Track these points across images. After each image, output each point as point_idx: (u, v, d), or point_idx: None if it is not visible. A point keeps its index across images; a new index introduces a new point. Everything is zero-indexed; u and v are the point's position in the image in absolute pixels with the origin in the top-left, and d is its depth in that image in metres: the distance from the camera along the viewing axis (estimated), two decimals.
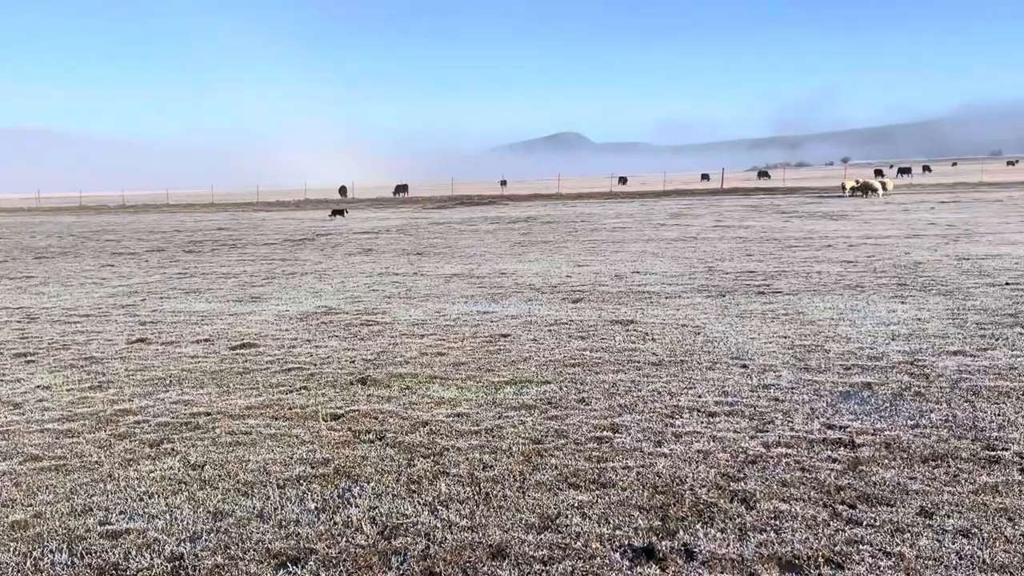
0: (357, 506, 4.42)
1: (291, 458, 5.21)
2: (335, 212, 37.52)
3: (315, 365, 7.76)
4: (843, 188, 38.93)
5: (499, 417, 5.92)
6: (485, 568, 3.72)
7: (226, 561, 3.87)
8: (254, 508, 4.45)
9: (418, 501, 4.46)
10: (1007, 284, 11.20)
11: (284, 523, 4.24)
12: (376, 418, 5.99)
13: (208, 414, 6.22)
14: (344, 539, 4.04)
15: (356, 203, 53.61)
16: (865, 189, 37.09)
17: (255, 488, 4.73)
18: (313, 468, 5.02)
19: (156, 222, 38.43)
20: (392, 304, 11.48)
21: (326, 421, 5.95)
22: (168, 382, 7.28)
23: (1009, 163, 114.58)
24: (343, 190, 68.00)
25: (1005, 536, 3.85)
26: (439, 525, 4.15)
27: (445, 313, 10.53)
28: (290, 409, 6.29)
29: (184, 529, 4.22)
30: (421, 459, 5.11)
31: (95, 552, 3.99)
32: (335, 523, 4.22)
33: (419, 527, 4.14)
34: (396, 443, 5.42)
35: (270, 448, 5.41)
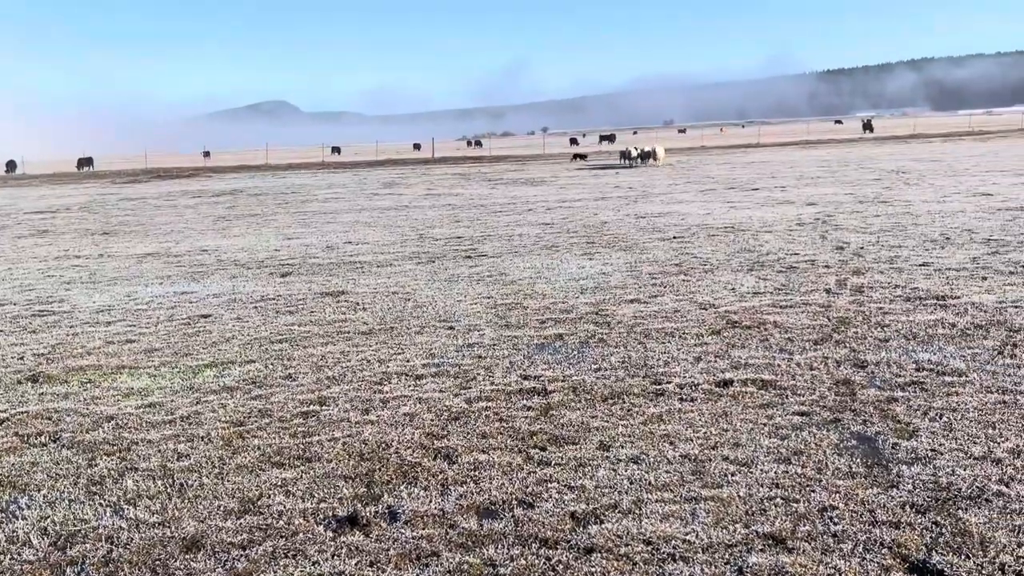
0: (25, 518, 3.92)
1: None
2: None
3: None
4: (624, 155, 39.46)
5: (197, 403, 5.56)
6: (178, 563, 3.48)
7: None
8: None
9: (100, 503, 4.06)
10: (674, 238, 12.72)
11: None
12: (50, 418, 5.34)
13: None
14: (8, 557, 3.57)
15: (30, 180, 47.04)
16: (645, 156, 38.55)
17: None
18: None
19: None
20: (72, 291, 10.27)
21: None
22: None
23: (680, 131, 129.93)
24: (11, 165, 59.16)
25: (667, 459, 4.38)
26: (124, 526, 3.81)
27: (136, 297, 9.64)
28: None
29: None
30: (104, 457, 4.64)
31: None
32: None
33: (100, 531, 3.77)
34: (74, 443, 4.88)
35: None
